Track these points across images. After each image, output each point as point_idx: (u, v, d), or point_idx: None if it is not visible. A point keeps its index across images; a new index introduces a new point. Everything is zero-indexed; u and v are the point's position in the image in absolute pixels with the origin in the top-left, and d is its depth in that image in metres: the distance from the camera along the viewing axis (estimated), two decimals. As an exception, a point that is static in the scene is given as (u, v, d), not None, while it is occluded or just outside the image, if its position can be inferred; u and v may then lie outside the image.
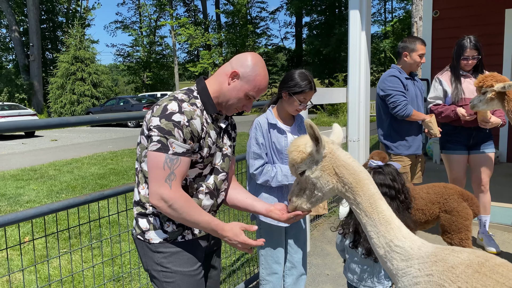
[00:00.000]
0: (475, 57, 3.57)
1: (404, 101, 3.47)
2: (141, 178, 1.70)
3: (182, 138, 1.56)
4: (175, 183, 1.58)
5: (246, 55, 1.71)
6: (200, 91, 1.70)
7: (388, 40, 28.96)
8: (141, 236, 1.72)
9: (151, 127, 1.58)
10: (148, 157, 1.59)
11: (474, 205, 3.00)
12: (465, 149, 3.71)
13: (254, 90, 1.70)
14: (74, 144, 13.98)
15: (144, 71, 38.95)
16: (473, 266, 1.22)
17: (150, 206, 1.68)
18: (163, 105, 1.60)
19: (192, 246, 1.74)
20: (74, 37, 25.92)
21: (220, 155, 1.78)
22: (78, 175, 8.22)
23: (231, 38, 33.71)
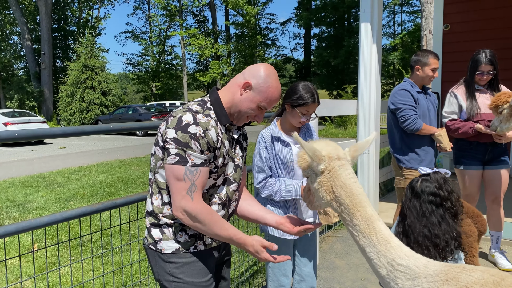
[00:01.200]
0: (490, 72, 3.53)
1: (413, 115, 3.46)
2: (155, 189, 1.70)
3: (199, 149, 1.58)
4: (197, 194, 1.59)
5: (259, 66, 1.72)
6: (213, 102, 1.71)
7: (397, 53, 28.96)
8: (153, 246, 1.71)
9: (167, 139, 1.58)
10: (167, 170, 1.59)
11: (479, 223, 2.95)
12: (480, 164, 3.66)
13: (266, 101, 1.70)
14: (82, 152, 14.07)
15: (153, 80, 39.26)
16: (488, 285, 1.17)
17: (163, 217, 1.68)
18: (177, 116, 1.61)
19: (205, 256, 1.73)
20: (84, 45, 26.25)
21: (232, 165, 1.78)
22: (86, 183, 8.26)
23: (240, 48, 33.94)
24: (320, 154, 1.46)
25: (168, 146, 1.58)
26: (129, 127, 2.12)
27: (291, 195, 2.44)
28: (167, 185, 1.66)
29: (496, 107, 3.17)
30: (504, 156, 3.62)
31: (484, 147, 3.62)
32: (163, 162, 1.62)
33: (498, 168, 3.62)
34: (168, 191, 1.66)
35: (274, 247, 1.66)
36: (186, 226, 1.68)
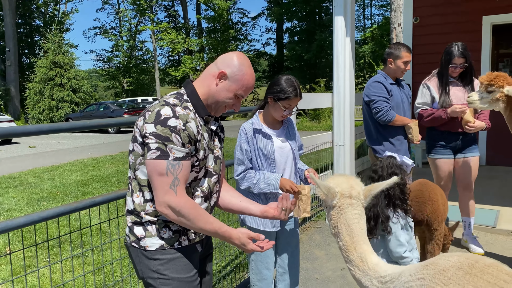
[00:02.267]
0: (462, 65, 3.63)
1: (386, 107, 3.54)
2: (135, 187, 1.68)
3: (180, 142, 1.56)
4: (180, 188, 1.58)
5: (231, 54, 1.72)
6: (190, 95, 1.70)
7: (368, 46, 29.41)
8: (136, 244, 1.69)
9: (147, 134, 1.55)
10: (148, 166, 1.57)
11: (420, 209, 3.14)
12: (451, 153, 3.78)
13: (243, 89, 1.71)
14: (53, 151, 13.70)
15: (124, 76, 38.51)
16: (463, 268, 1.25)
17: (146, 215, 1.66)
18: (155, 110, 1.58)
19: (189, 252, 1.72)
20: (52, 41, 25.47)
21: (212, 157, 1.78)
22: (59, 182, 8.06)
23: (213, 43, 33.69)
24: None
25: (148, 141, 1.55)
26: (106, 124, 2.08)
27: (269, 189, 2.45)
28: (148, 182, 1.63)
29: (488, 84, 3.07)
30: (474, 145, 3.75)
31: (455, 136, 3.73)
32: (144, 158, 1.60)
33: (468, 156, 3.74)
34: (149, 188, 1.64)
35: (261, 237, 1.67)
36: (169, 222, 1.66)
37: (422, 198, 2.94)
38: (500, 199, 5.18)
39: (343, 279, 3.49)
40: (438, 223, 2.96)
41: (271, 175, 2.48)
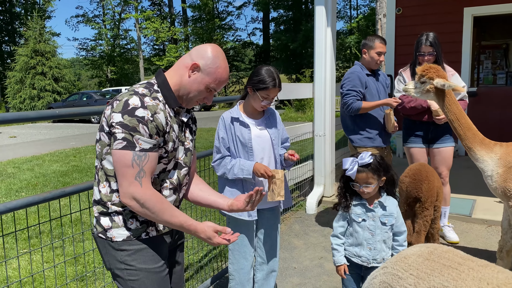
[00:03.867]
0: (430, 53, 3.67)
1: (351, 98, 3.61)
2: (102, 176, 1.65)
3: (147, 133, 1.53)
4: (145, 180, 1.55)
5: (206, 46, 1.69)
6: (160, 85, 1.67)
7: (354, 36, 29.43)
8: (102, 235, 1.67)
9: (113, 124, 1.53)
10: (114, 156, 1.54)
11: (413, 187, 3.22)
12: (424, 142, 3.84)
13: (215, 83, 1.69)
14: (34, 141, 13.47)
15: (107, 65, 37.94)
16: (423, 255, 1.35)
17: (112, 205, 1.64)
18: (123, 100, 1.55)
19: (157, 242, 1.71)
20: (33, 29, 24.91)
21: (183, 149, 1.76)
22: (39, 172, 7.94)
23: (198, 32, 33.35)
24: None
25: (115, 131, 1.52)
26: (76, 113, 2.04)
27: (243, 174, 2.47)
28: (115, 172, 1.62)
29: (421, 75, 3.10)
30: (447, 135, 3.80)
31: (426, 126, 3.80)
32: (110, 148, 1.58)
33: (441, 146, 3.80)
34: (116, 178, 1.62)
35: (227, 230, 1.67)
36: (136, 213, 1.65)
37: (419, 176, 3.10)
38: (477, 188, 5.28)
39: (321, 268, 3.53)
40: (430, 203, 3.08)
41: (246, 162, 2.50)
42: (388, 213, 2.26)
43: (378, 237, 2.26)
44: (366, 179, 2.20)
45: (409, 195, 3.11)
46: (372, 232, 2.26)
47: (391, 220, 2.25)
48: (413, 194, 3.08)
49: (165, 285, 1.74)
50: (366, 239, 2.27)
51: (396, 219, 2.28)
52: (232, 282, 2.67)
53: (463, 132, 3.05)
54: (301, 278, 3.37)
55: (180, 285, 1.96)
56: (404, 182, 3.17)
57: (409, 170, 3.22)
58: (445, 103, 3.07)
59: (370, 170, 2.19)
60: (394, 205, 2.29)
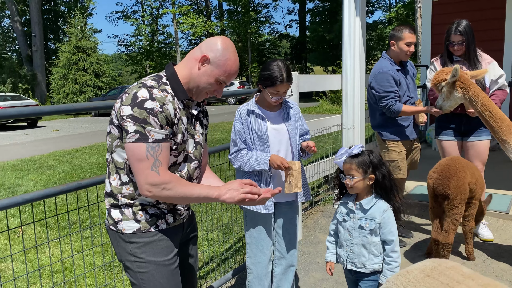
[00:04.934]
0: (460, 42, 3.48)
1: (390, 100, 3.45)
2: (112, 169, 1.68)
3: (158, 124, 1.54)
4: (162, 168, 1.56)
5: (216, 39, 1.67)
6: (169, 77, 1.67)
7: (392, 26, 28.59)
8: (113, 227, 1.70)
9: (124, 117, 1.53)
10: (127, 150, 1.55)
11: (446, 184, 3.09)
12: (457, 135, 3.66)
13: (225, 75, 1.66)
14: (76, 134, 14.02)
15: (146, 60, 38.83)
16: (426, 270, 1.33)
17: (122, 197, 1.66)
18: (132, 93, 1.56)
19: (167, 235, 1.72)
20: (75, 26, 25.83)
21: (193, 142, 1.75)
22: (76, 165, 8.24)
23: (233, 25, 33.46)
24: None
25: (126, 124, 1.53)
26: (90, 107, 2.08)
27: (259, 166, 2.44)
28: (125, 164, 1.63)
29: (435, 86, 3.12)
30: (482, 127, 3.60)
31: (459, 119, 3.62)
32: (121, 142, 1.60)
33: (475, 140, 3.61)
34: (126, 171, 1.64)
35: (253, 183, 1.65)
36: (146, 205, 1.66)
37: (447, 173, 2.97)
38: (517, 184, 5.00)
39: (344, 264, 3.45)
40: (460, 201, 2.94)
41: (262, 154, 2.47)
42: (368, 217, 2.12)
43: (355, 240, 2.14)
44: (349, 170, 2.12)
45: (436, 191, 2.98)
46: (350, 233, 2.17)
47: (372, 224, 2.10)
48: (440, 191, 2.95)
49: (175, 278, 1.75)
50: (346, 239, 2.19)
51: (381, 225, 2.10)
52: (250, 276, 2.65)
53: (496, 124, 2.89)
54: (323, 274, 3.32)
55: (192, 278, 1.97)
56: (432, 178, 3.04)
57: (438, 165, 3.08)
58: (470, 95, 2.93)
59: (355, 162, 2.10)
60: (380, 210, 2.11)
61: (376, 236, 2.11)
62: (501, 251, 3.48)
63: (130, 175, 1.65)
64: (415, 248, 3.64)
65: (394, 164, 3.61)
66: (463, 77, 2.92)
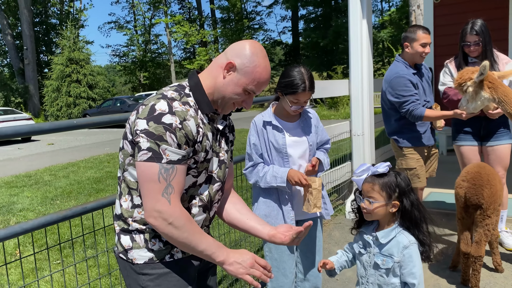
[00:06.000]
0: (476, 42, 3.31)
1: (411, 104, 3.24)
2: (124, 189, 1.49)
3: (176, 143, 1.34)
4: (174, 196, 1.36)
5: (244, 43, 1.47)
6: (193, 88, 1.47)
7: (386, 30, 28.65)
8: (123, 255, 1.49)
9: (137, 132, 1.35)
10: (138, 168, 1.36)
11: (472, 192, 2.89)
12: (476, 139, 3.48)
13: (254, 84, 1.46)
14: (71, 148, 13.75)
15: (140, 71, 38.62)
16: None
17: (133, 222, 1.46)
18: (150, 105, 1.37)
19: (183, 265, 1.51)
20: (67, 38, 25.62)
21: (217, 161, 1.54)
22: (73, 179, 7.99)
23: (227, 33, 33.40)
24: None
25: (139, 140, 1.34)
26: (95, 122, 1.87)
27: (276, 182, 2.25)
28: (138, 184, 1.43)
29: (460, 86, 2.93)
30: (502, 130, 3.42)
31: (478, 122, 3.45)
32: (133, 159, 1.40)
33: (495, 144, 3.43)
34: (139, 192, 1.44)
35: (267, 266, 1.45)
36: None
37: (480, 181, 2.76)
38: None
39: (365, 280, 3.24)
40: (493, 210, 2.75)
41: (280, 168, 2.27)
42: (385, 253, 1.78)
43: (370, 278, 1.83)
44: (369, 192, 1.76)
45: (469, 201, 2.78)
46: (366, 270, 1.85)
47: (389, 263, 1.76)
48: (474, 200, 2.75)
49: None
50: (361, 276, 1.88)
51: (401, 264, 1.75)
52: None
53: None
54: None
55: None
56: (462, 187, 2.84)
57: (467, 173, 2.88)
58: (499, 95, 2.77)
59: (379, 182, 1.75)
60: (399, 246, 1.75)
61: (395, 277, 1.77)
62: (529, 262, 3.29)
63: None
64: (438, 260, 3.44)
65: (413, 172, 3.42)
66: (491, 76, 2.75)
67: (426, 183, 3.55)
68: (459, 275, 3.07)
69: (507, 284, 2.98)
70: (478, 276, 2.77)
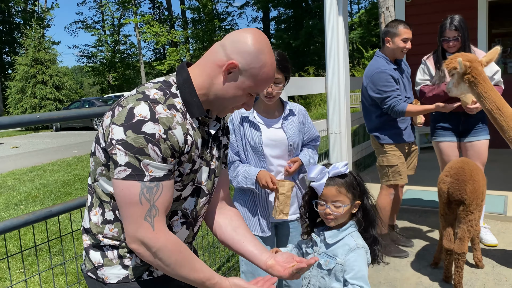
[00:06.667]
0: (455, 38, 3.31)
1: (393, 100, 3.19)
2: (95, 200, 1.28)
3: (160, 157, 1.13)
4: (159, 220, 1.17)
5: (245, 36, 1.22)
6: (181, 86, 1.24)
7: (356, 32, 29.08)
8: (92, 274, 1.29)
9: (113, 142, 1.13)
10: (116, 188, 1.16)
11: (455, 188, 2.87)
12: (455, 135, 3.48)
13: (259, 86, 1.26)
14: (36, 151, 13.19)
15: (109, 72, 37.73)
16: None
17: (103, 238, 1.27)
18: (128, 107, 1.14)
19: (162, 283, 1.32)
20: (32, 38, 24.70)
21: (207, 171, 1.34)
22: (39, 183, 7.63)
23: (198, 34, 33.09)
24: None
25: (115, 152, 1.12)
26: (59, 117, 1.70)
27: (246, 183, 2.11)
28: (111, 196, 1.23)
29: (449, 71, 2.96)
30: (480, 126, 3.42)
31: (457, 118, 3.44)
32: (107, 170, 1.20)
33: (474, 140, 3.43)
34: (112, 206, 1.25)
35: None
36: None
37: (463, 176, 2.72)
38: (506, 183, 4.90)
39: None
40: (476, 206, 2.71)
41: (252, 168, 2.14)
42: (330, 253, 1.62)
43: (313, 279, 1.67)
44: (336, 196, 1.59)
45: (451, 197, 2.74)
46: (309, 270, 1.69)
47: (331, 263, 1.61)
48: (456, 196, 2.71)
49: None
50: (304, 276, 1.70)
51: (345, 269, 1.59)
52: None
53: (506, 123, 2.71)
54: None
55: None
56: (445, 182, 2.80)
57: (450, 168, 2.85)
58: (479, 90, 2.75)
59: (343, 184, 1.60)
60: (345, 247, 1.60)
61: (337, 281, 1.61)
62: (508, 257, 3.29)
63: (116, 212, 1.25)
64: (419, 257, 3.40)
65: (394, 169, 3.37)
66: (476, 70, 2.71)
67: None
68: (441, 272, 3.04)
69: (488, 280, 2.96)
70: (461, 272, 2.73)
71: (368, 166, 6.50)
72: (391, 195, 3.42)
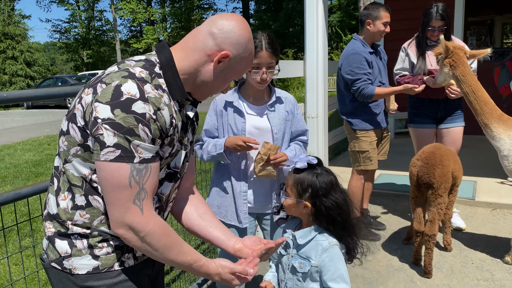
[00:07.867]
0: (441, 27, 3.34)
1: (362, 83, 3.22)
2: (63, 183, 1.20)
3: (150, 138, 1.10)
4: (147, 203, 1.14)
5: (234, 25, 1.22)
6: (164, 66, 1.20)
7: (335, 15, 29.04)
8: (57, 264, 1.21)
9: (98, 121, 1.06)
10: (101, 170, 1.10)
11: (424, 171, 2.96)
12: (433, 122, 3.54)
13: (242, 72, 1.32)
14: (6, 129, 12.80)
15: (83, 49, 36.64)
16: None
17: (73, 225, 1.20)
18: (113, 84, 1.08)
19: (135, 274, 1.27)
20: (1, 11, 23.69)
21: (184, 154, 1.31)
22: (9, 163, 7.42)
23: (176, 12, 32.40)
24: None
25: (101, 133, 1.06)
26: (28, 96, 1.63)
27: (216, 150, 2.05)
28: (83, 180, 1.17)
29: (436, 59, 3.07)
30: (457, 113, 3.51)
31: (436, 104, 3.49)
32: (85, 152, 1.13)
33: (450, 126, 3.51)
34: (84, 190, 1.18)
35: (248, 271, 1.29)
36: (109, 235, 1.22)
37: (433, 161, 2.81)
38: (476, 169, 5.05)
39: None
40: (444, 190, 2.80)
41: (222, 139, 2.08)
42: (303, 255, 1.58)
43: (289, 282, 1.62)
44: (287, 185, 1.61)
45: (420, 180, 2.82)
46: (284, 273, 1.65)
47: (306, 266, 1.56)
48: (425, 179, 2.79)
49: None
50: (281, 279, 1.68)
51: (321, 270, 1.54)
52: None
53: (479, 107, 2.79)
54: None
55: None
56: (415, 166, 2.88)
57: (422, 152, 2.93)
58: (458, 74, 2.83)
59: (293, 177, 1.58)
60: (318, 248, 1.55)
61: (313, 282, 1.56)
62: (475, 240, 3.41)
63: (89, 197, 1.18)
64: (391, 240, 3.49)
65: (365, 155, 3.42)
66: (457, 55, 2.81)
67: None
68: (411, 255, 3.13)
69: (456, 262, 3.07)
70: (431, 254, 2.82)
71: (344, 151, 6.57)
72: (361, 180, 3.48)
